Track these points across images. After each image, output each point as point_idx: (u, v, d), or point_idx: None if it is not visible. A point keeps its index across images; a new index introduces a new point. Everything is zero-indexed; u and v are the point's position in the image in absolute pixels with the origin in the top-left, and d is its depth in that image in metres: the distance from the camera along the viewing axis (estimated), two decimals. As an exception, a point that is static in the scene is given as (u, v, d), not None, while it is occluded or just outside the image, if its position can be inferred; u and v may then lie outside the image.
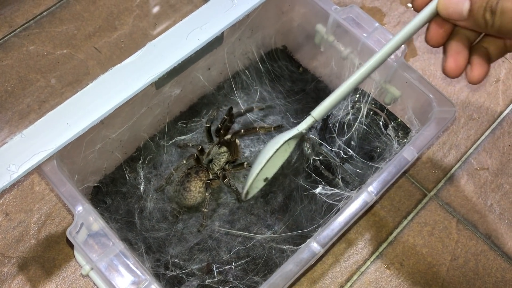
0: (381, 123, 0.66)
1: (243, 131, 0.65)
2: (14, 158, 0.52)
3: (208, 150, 0.67)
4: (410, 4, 0.84)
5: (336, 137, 0.64)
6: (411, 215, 0.70)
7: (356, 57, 0.65)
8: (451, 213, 0.70)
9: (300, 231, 0.61)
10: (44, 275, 0.64)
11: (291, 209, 0.64)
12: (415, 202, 0.70)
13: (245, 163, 0.64)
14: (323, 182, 0.64)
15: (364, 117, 0.66)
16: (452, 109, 0.59)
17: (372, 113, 0.67)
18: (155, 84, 0.60)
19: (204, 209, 0.62)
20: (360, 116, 0.66)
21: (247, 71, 0.74)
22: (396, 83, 0.64)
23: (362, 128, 0.66)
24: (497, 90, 0.79)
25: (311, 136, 0.64)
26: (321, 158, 0.64)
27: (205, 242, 0.63)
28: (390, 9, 0.85)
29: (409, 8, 0.85)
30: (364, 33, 0.63)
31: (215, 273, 0.60)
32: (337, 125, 0.65)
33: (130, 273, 0.50)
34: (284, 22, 0.74)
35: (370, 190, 0.55)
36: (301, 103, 0.73)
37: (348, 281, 0.65)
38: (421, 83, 0.61)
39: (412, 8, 0.50)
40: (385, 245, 0.68)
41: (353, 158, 0.63)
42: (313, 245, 0.52)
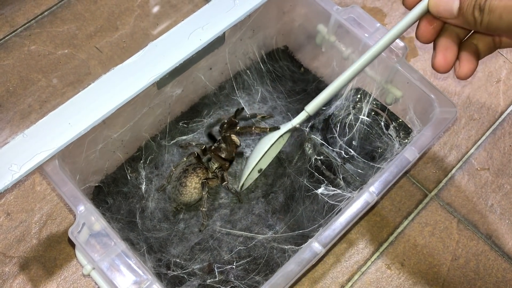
0: (383, 123, 0.66)
1: (238, 129, 0.65)
2: (16, 158, 0.52)
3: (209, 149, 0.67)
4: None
5: (338, 137, 0.64)
6: (412, 215, 0.70)
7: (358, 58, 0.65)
8: (452, 213, 0.70)
9: (301, 231, 0.61)
10: (45, 275, 0.64)
11: (293, 209, 0.64)
12: (416, 202, 0.70)
13: (226, 183, 0.64)
14: (325, 182, 0.64)
15: (366, 117, 0.66)
16: (454, 110, 0.59)
17: (374, 113, 0.67)
18: (157, 84, 0.60)
19: (202, 208, 0.62)
20: (362, 116, 0.66)
21: (249, 71, 0.74)
22: (397, 83, 0.64)
23: (364, 128, 0.66)
24: (498, 91, 0.79)
25: (313, 136, 0.64)
26: (323, 158, 0.64)
27: (207, 242, 0.63)
28: (391, 9, 0.85)
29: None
30: (366, 34, 0.63)
31: (217, 273, 0.60)
32: (339, 125, 0.65)
33: (132, 273, 0.50)
34: (286, 22, 0.74)
35: (372, 191, 0.55)
36: (302, 103, 0.72)
37: (349, 281, 0.65)
38: (423, 83, 0.61)
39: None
40: (386, 245, 0.68)
41: (355, 158, 0.63)
42: (315, 245, 0.52)
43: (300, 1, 0.70)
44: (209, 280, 0.60)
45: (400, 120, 0.66)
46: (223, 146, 0.66)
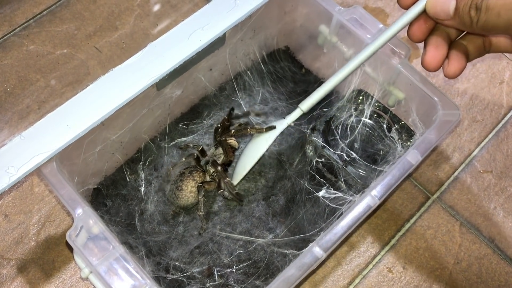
0: (385, 126, 0.65)
1: (233, 132, 0.64)
2: (13, 160, 0.51)
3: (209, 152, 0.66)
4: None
5: (339, 140, 0.64)
6: (414, 218, 0.69)
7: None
8: (454, 216, 0.69)
9: (302, 235, 0.60)
10: (44, 277, 0.63)
11: (293, 212, 0.64)
12: (418, 205, 0.70)
13: (227, 179, 0.63)
14: (327, 185, 0.63)
15: (368, 119, 0.66)
16: (457, 112, 0.58)
17: (376, 116, 0.66)
18: (156, 85, 0.59)
19: (199, 213, 0.62)
20: (364, 118, 0.65)
21: (249, 72, 0.73)
22: (400, 85, 0.64)
23: (365, 131, 0.66)
24: (501, 92, 0.78)
25: (314, 139, 0.64)
26: (324, 161, 0.63)
27: (206, 245, 0.62)
28: (394, 10, 0.84)
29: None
30: (368, 34, 0.62)
31: (216, 277, 0.60)
32: (340, 127, 0.65)
33: (130, 277, 0.50)
34: (287, 23, 0.73)
35: (374, 194, 0.54)
36: (304, 105, 0.72)
37: (350, 285, 0.64)
38: (425, 85, 0.60)
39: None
40: (388, 248, 0.67)
41: (356, 161, 0.62)
42: (316, 250, 0.52)
43: (302, 1, 0.69)
44: (209, 284, 0.59)
45: (403, 123, 0.65)
46: (220, 152, 0.65)
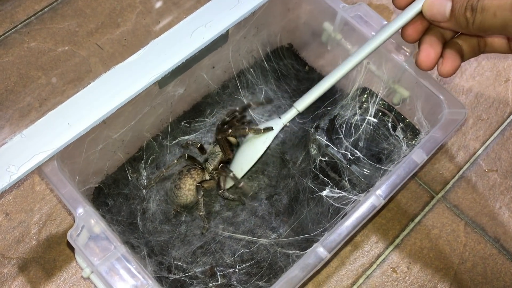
0: (390, 124, 0.64)
1: (231, 131, 0.62)
2: (14, 159, 0.51)
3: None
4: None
5: (343, 138, 0.63)
6: (418, 218, 0.68)
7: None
8: (459, 216, 0.69)
9: (306, 235, 0.60)
10: (45, 277, 0.63)
11: (297, 212, 0.63)
12: (423, 204, 0.69)
13: (231, 173, 0.61)
14: (330, 184, 0.62)
15: (372, 118, 0.65)
16: (463, 111, 0.58)
17: (380, 114, 0.65)
18: (159, 83, 0.59)
19: (200, 213, 0.61)
20: (368, 117, 0.65)
21: (252, 70, 0.72)
22: (405, 83, 0.63)
23: (370, 129, 0.65)
24: (507, 90, 0.78)
25: (318, 137, 0.63)
26: (328, 160, 0.63)
27: (209, 245, 0.61)
28: (398, 7, 0.83)
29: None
30: (372, 32, 0.61)
31: (219, 277, 0.59)
32: (344, 126, 0.64)
33: (132, 278, 0.49)
34: (290, 20, 0.72)
35: (379, 194, 0.54)
36: (307, 103, 0.71)
37: (354, 285, 0.64)
38: (431, 84, 0.60)
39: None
40: (392, 248, 0.66)
41: (361, 160, 0.61)
42: (320, 250, 0.51)
43: (306, -2, 0.68)
44: (211, 284, 0.59)
45: (408, 121, 0.65)
46: (218, 149, 0.64)
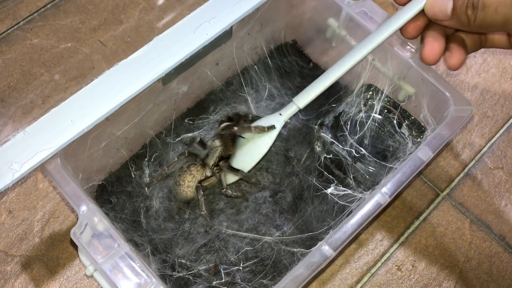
0: (395, 121, 0.64)
1: (236, 129, 0.61)
2: (17, 156, 0.51)
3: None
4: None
5: (348, 136, 0.62)
6: (423, 215, 0.68)
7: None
8: (465, 214, 0.68)
9: (311, 233, 0.59)
10: (48, 274, 0.63)
11: (301, 209, 0.63)
12: (428, 202, 0.69)
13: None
14: (335, 181, 0.62)
15: (377, 115, 0.64)
16: (469, 108, 0.57)
17: (386, 111, 0.65)
18: (162, 80, 0.58)
19: (201, 212, 0.61)
20: (373, 114, 0.64)
21: (256, 67, 0.72)
22: (411, 80, 0.62)
23: (375, 126, 0.64)
24: (513, 87, 0.77)
25: (322, 134, 0.62)
26: (332, 157, 0.62)
27: (213, 243, 0.61)
28: (403, 3, 0.82)
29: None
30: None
31: (223, 275, 0.59)
32: (349, 123, 0.64)
33: (136, 276, 0.49)
34: (295, 16, 0.72)
35: (384, 192, 0.53)
36: (311, 100, 0.71)
37: (358, 283, 0.64)
38: (437, 80, 0.59)
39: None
40: (397, 246, 0.66)
41: (366, 157, 0.61)
42: (325, 248, 0.51)
43: (310, -6, 0.68)
44: (215, 282, 0.58)
45: (413, 118, 0.64)
46: (217, 144, 0.63)
